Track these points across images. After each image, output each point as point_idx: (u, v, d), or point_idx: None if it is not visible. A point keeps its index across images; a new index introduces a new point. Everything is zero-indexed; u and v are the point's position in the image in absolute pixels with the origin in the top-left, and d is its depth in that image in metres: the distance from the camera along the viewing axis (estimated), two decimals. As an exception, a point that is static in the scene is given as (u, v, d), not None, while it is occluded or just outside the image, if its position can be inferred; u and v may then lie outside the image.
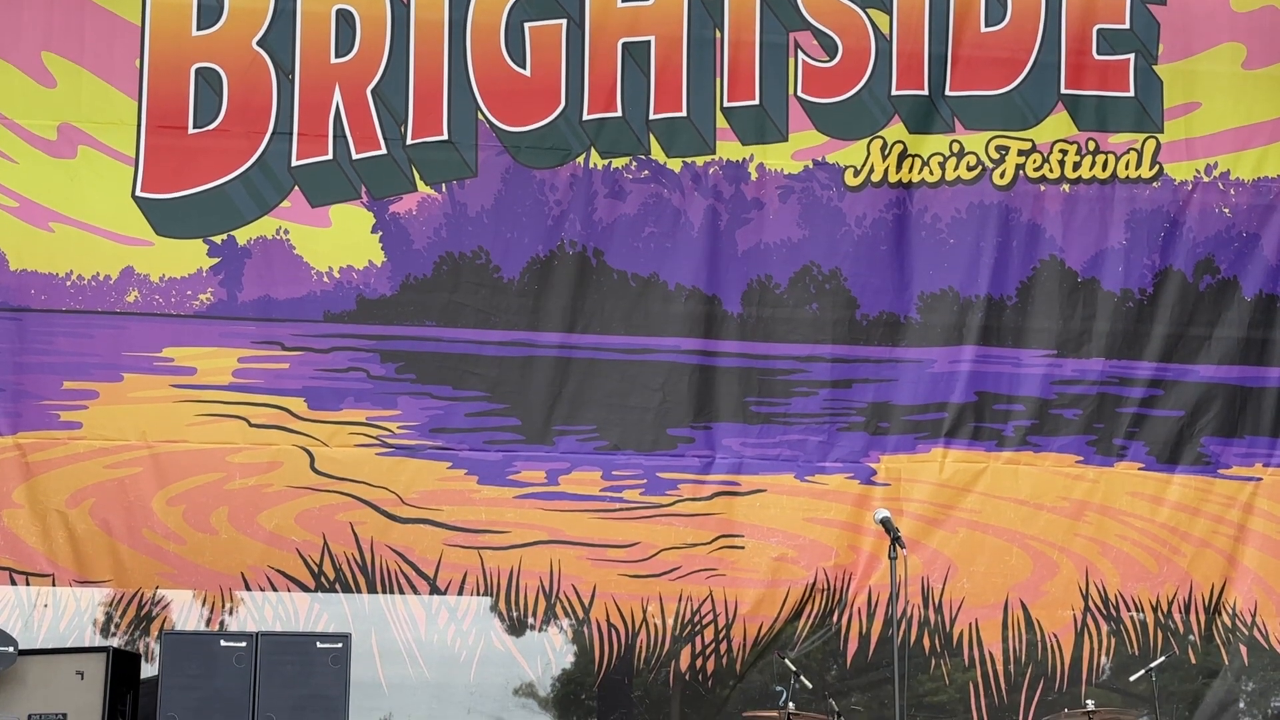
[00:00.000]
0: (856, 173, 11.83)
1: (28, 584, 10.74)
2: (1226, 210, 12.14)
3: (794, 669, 10.54)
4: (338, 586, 10.97)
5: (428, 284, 11.39)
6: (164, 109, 11.29)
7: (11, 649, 9.53)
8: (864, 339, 11.74)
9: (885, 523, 8.40)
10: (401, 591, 11.05)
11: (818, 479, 11.54)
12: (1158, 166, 12.13)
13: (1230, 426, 12.01)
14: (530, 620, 11.19)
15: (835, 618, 11.41)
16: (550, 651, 11.22)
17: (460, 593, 11.11)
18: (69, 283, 11.03)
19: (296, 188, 11.37)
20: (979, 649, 11.57)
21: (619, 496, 11.31)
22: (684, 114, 11.75)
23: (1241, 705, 11.92)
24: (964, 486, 11.67)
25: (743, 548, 11.37)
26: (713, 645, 11.26)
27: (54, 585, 10.75)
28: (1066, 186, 12.01)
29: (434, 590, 11.08)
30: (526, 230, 11.52)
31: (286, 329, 11.17)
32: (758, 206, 11.72)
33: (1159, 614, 11.75)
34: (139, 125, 11.25)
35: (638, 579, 11.25)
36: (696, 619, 11.27)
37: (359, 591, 11.00)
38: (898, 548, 8.21)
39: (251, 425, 11.04)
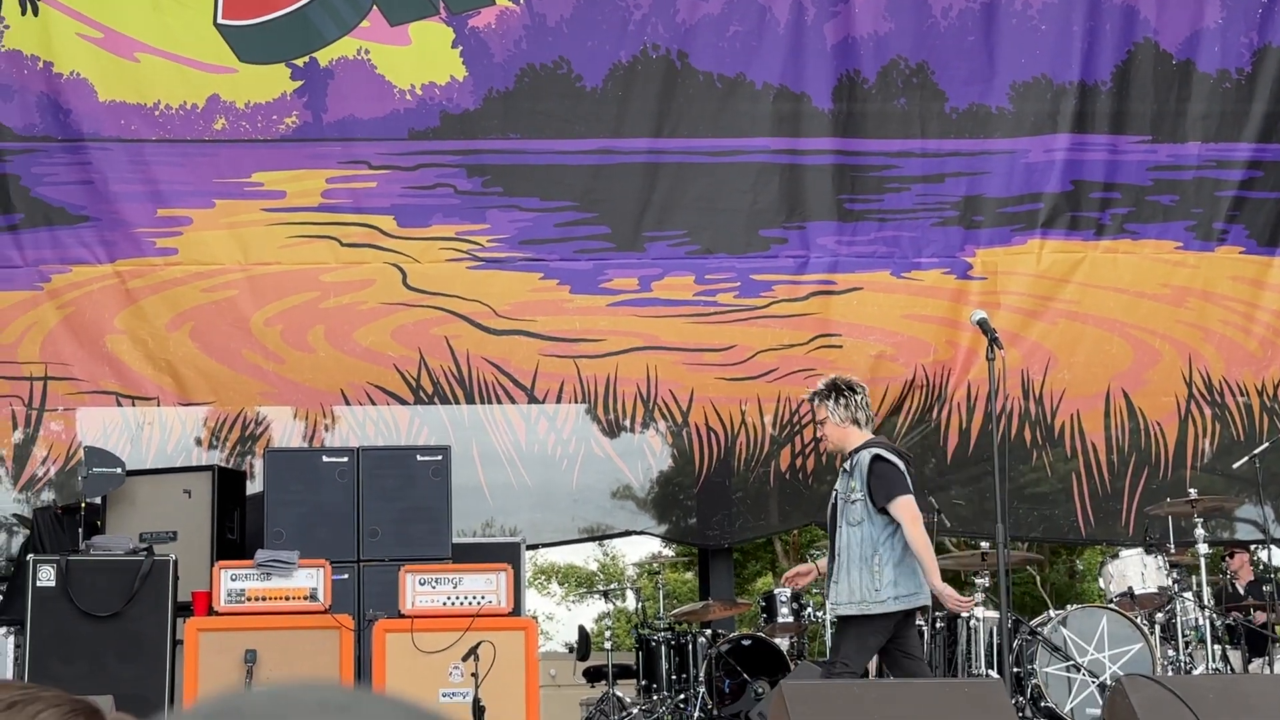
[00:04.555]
0: (943, -39, 11.26)
1: (133, 406, 10.68)
2: (1329, -20, 11.43)
3: (894, 466, 10.23)
4: (436, 399, 10.80)
5: (510, 96, 11.03)
6: (242, -65, 10.96)
7: (120, 470, 9.38)
8: (954, 132, 11.25)
9: (982, 324, 7.97)
10: (499, 401, 10.87)
11: (914, 275, 11.15)
12: (1256, -63, 11.43)
13: (1333, 203, 11.42)
14: (628, 425, 10.98)
15: (935, 413, 11.11)
16: (649, 455, 11.02)
17: (558, 401, 10.91)
18: (157, 112, 10.81)
19: (375, 7, 10.99)
20: (1081, 439, 11.20)
21: (713, 300, 11.00)
22: (765, -95, 11.18)
23: (1347, 486, 11.48)
24: (1062, 277, 11.22)
25: (840, 346, 11.06)
26: (811, 444, 10.98)
27: (159, 407, 10.69)
28: (1161, -35, 11.37)
29: (531, 399, 10.89)
30: (607, 37, 11.09)
31: (372, 148, 10.89)
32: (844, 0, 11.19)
33: (1264, 398, 11.29)
34: (218, -48, 10.93)
35: (735, 382, 10.98)
36: (795, 419, 11.00)
37: (457, 403, 10.84)
38: (995, 349, 7.79)
39: (343, 245, 10.84)
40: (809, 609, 10.52)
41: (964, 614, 7.39)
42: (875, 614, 7.23)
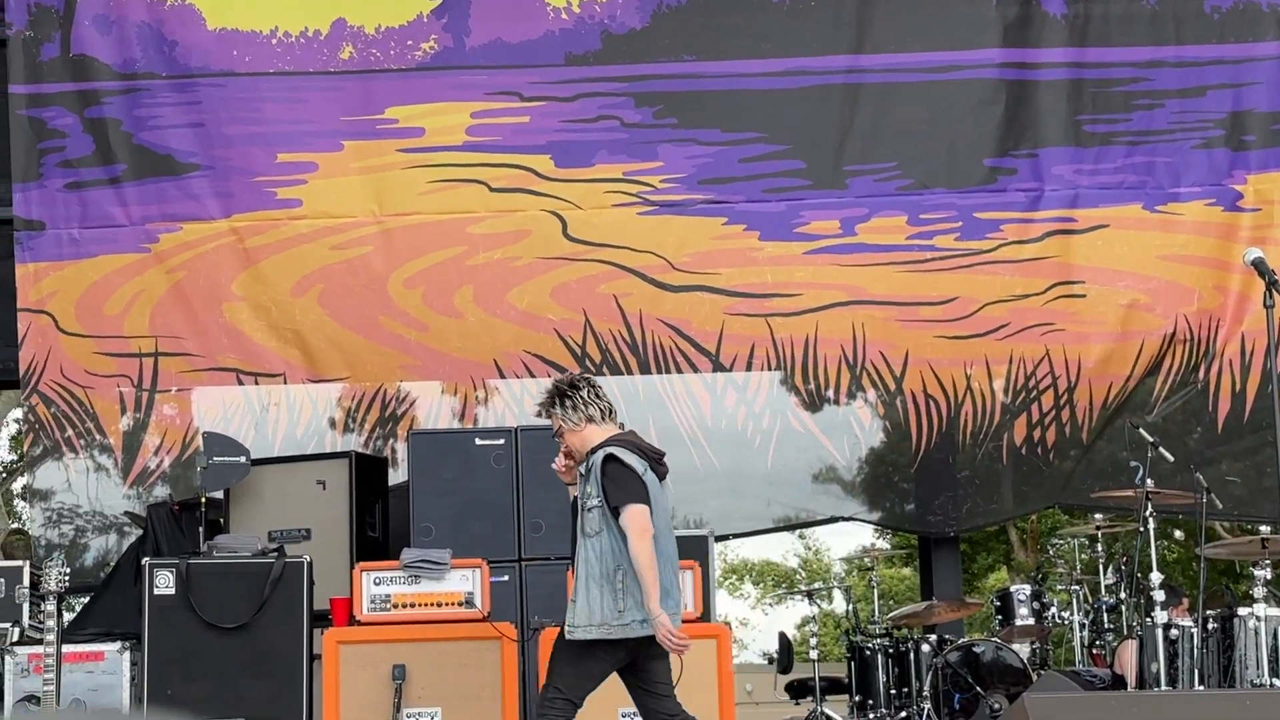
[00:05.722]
0: None
1: (256, 384, 10.69)
2: None
3: (1151, 437, 9.95)
4: (605, 369, 10.72)
5: (683, 11, 10.97)
6: None
7: (244, 459, 9.42)
8: (1217, 35, 11.01)
9: (1258, 264, 7.72)
10: (679, 370, 10.81)
11: (1171, 208, 10.93)
12: None
13: None
14: (831, 395, 10.85)
15: (1201, 373, 10.87)
16: (857, 429, 10.89)
17: (748, 368, 10.83)
18: (275, 41, 10.84)
19: (521, -91, 10.91)
20: (1387, 402, 10.84)
21: (929, 244, 10.86)
22: None
23: None
24: (1358, 203, 10.85)
25: (1084, 295, 10.86)
26: (1052, 413, 10.82)
27: (285, 384, 10.72)
28: None
29: (717, 367, 10.83)
30: (795, -64, 10.93)
31: (524, 76, 10.88)
32: (1077, -120, 10.92)
33: None
34: None
35: (958, 340, 10.83)
36: (1032, 383, 10.84)
37: (629, 373, 10.80)
38: (1275, 294, 7.52)
39: (492, 190, 10.82)
40: (1053, 609, 10.33)
41: (678, 654, 7.05)
42: (613, 639, 6.96)
